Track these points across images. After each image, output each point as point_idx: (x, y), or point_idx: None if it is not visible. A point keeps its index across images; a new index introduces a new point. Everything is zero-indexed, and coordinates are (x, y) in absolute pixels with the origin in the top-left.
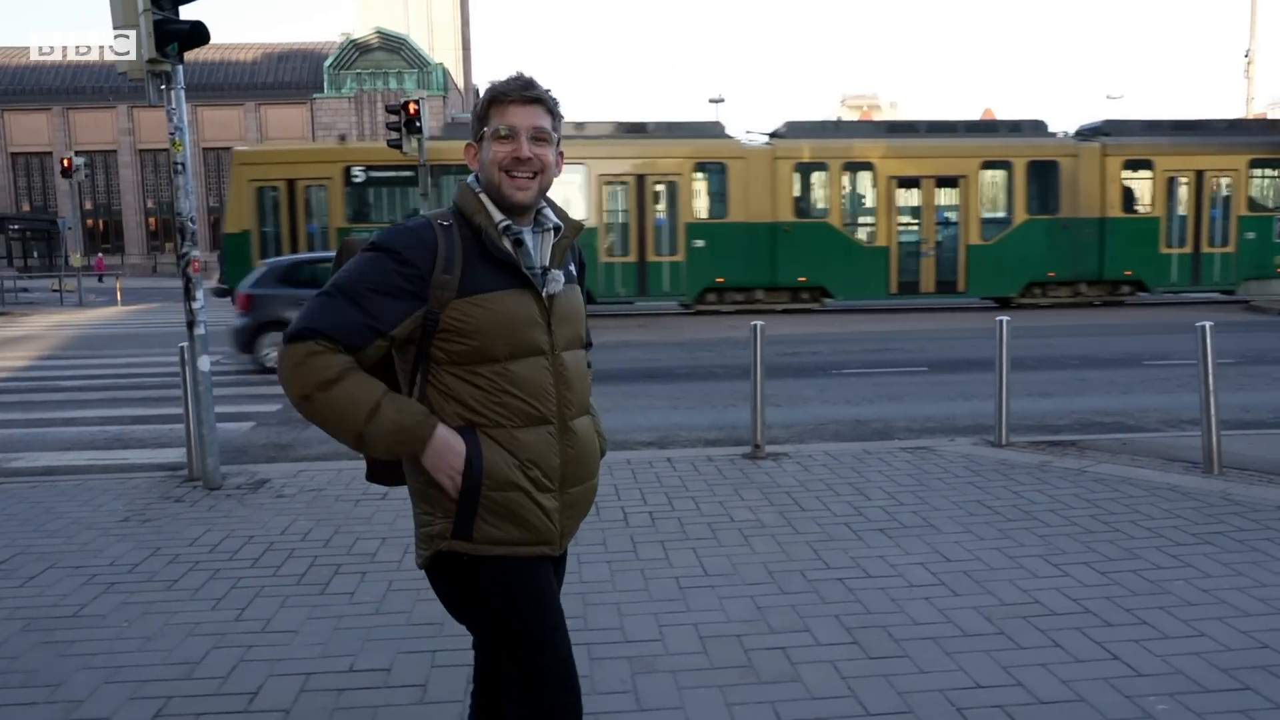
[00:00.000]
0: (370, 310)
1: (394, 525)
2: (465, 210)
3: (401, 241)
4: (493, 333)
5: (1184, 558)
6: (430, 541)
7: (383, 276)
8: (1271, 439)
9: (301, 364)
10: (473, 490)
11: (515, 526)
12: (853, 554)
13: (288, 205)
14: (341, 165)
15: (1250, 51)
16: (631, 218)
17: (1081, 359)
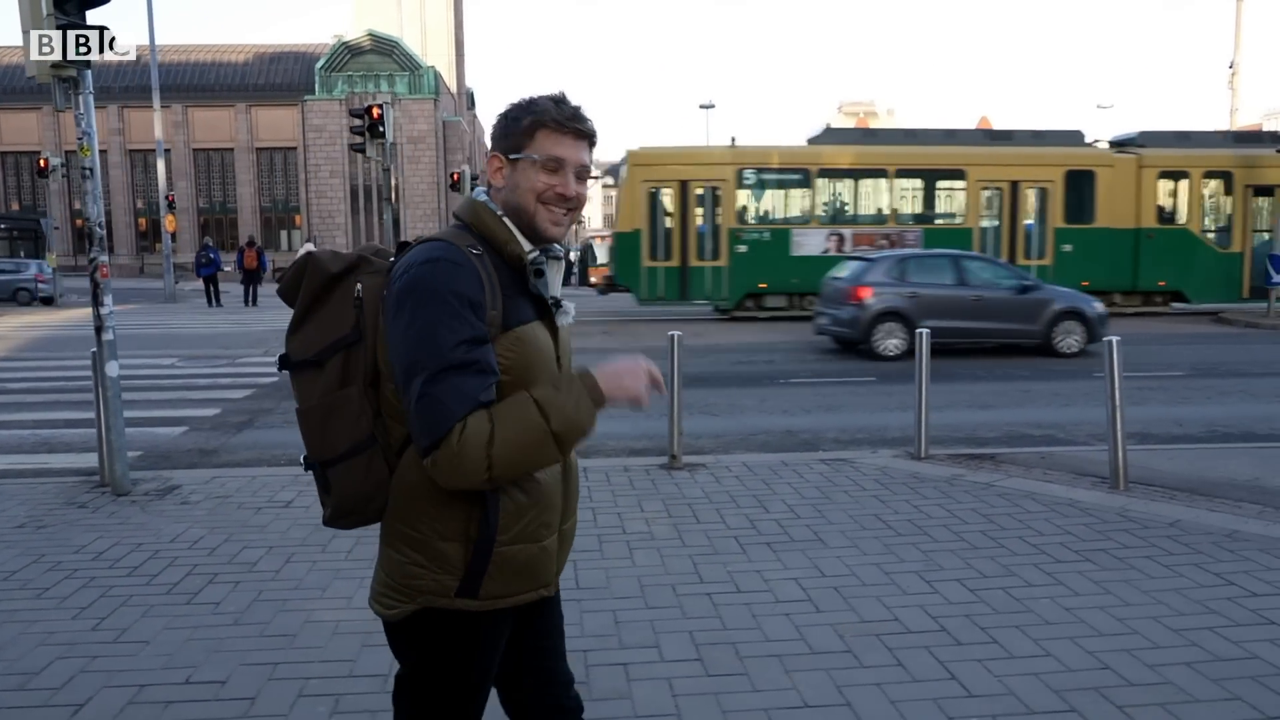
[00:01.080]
0: (484, 365)
1: (286, 534)
2: (496, 239)
3: (463, 282)
4: (532, 367)
5: (1059, 575)
6: (414, 595)
7: (474, 326)
8: (1191, 454)
9: (461, 452)
10: (486, 547)
11: (522, 578)
12: (731, 568)
13: (679, 205)
14: (735, 167)
15: (1234, 63)
16: (1004, 222)
17: (1032, 370)
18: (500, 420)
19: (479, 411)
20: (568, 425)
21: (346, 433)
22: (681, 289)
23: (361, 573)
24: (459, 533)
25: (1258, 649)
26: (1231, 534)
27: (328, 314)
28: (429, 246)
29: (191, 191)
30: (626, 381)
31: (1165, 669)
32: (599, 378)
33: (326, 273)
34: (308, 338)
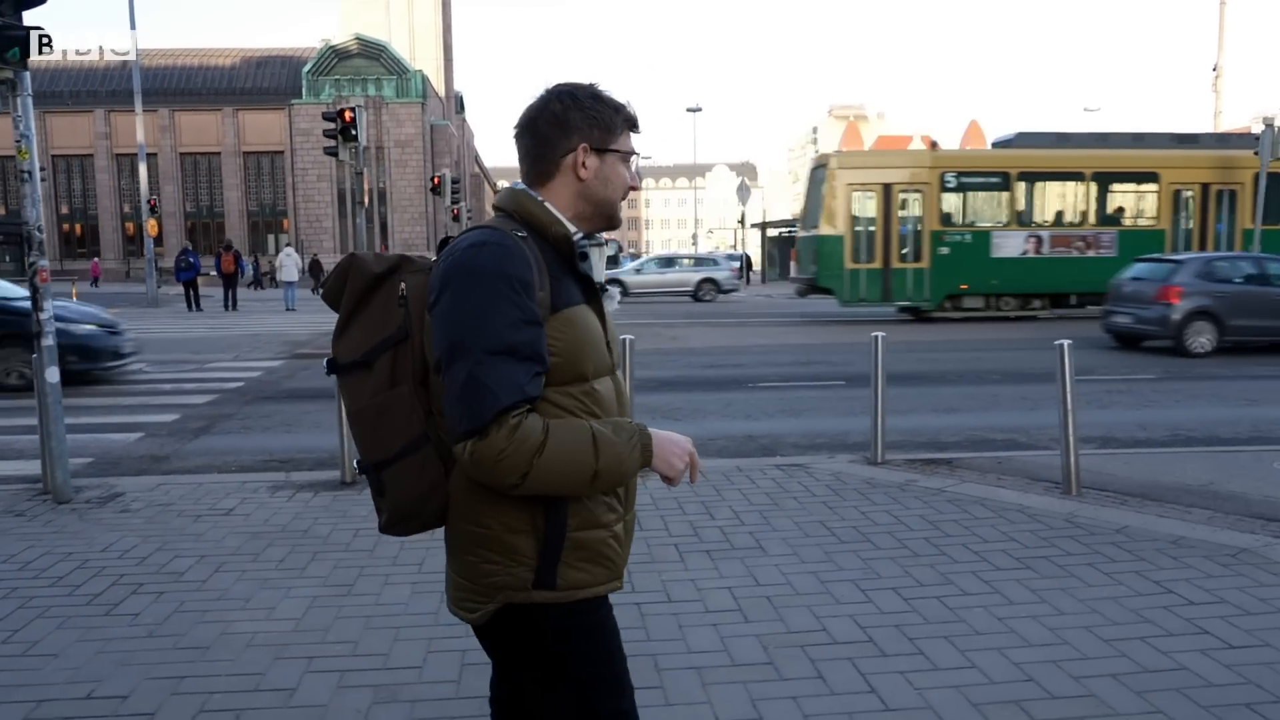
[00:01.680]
0: (530, 351)
1: (220, 543)
2: (540, 221)
3: (512, 263)
4: (583, 349)
5: (997, 583)
6: (492, 593)
7: (520, 310)
8: (1149, 458)
9: (506, 451)
10: (559, 533)
11: (598, 566)
12: (666, 577)
13: (881, 207)
14: (938, 171)
15: (1218, 66)
16: (1195, 224)
17: (1003, 374)
18: (554, 435)
19: (535, 417)
20: (611, 471)
21: (399, 432)
22: (884, 291)
23: (290, 582)
24: (527, 523)
25: (1187, 660)
26: (1177, 540)
27: (373, 314)
28: (473, 233)
29: (178, 195)
30: (673, 458)
31: (1090, 681)
32: (654, 441)
33: (370, 273)
34: (354, 339)
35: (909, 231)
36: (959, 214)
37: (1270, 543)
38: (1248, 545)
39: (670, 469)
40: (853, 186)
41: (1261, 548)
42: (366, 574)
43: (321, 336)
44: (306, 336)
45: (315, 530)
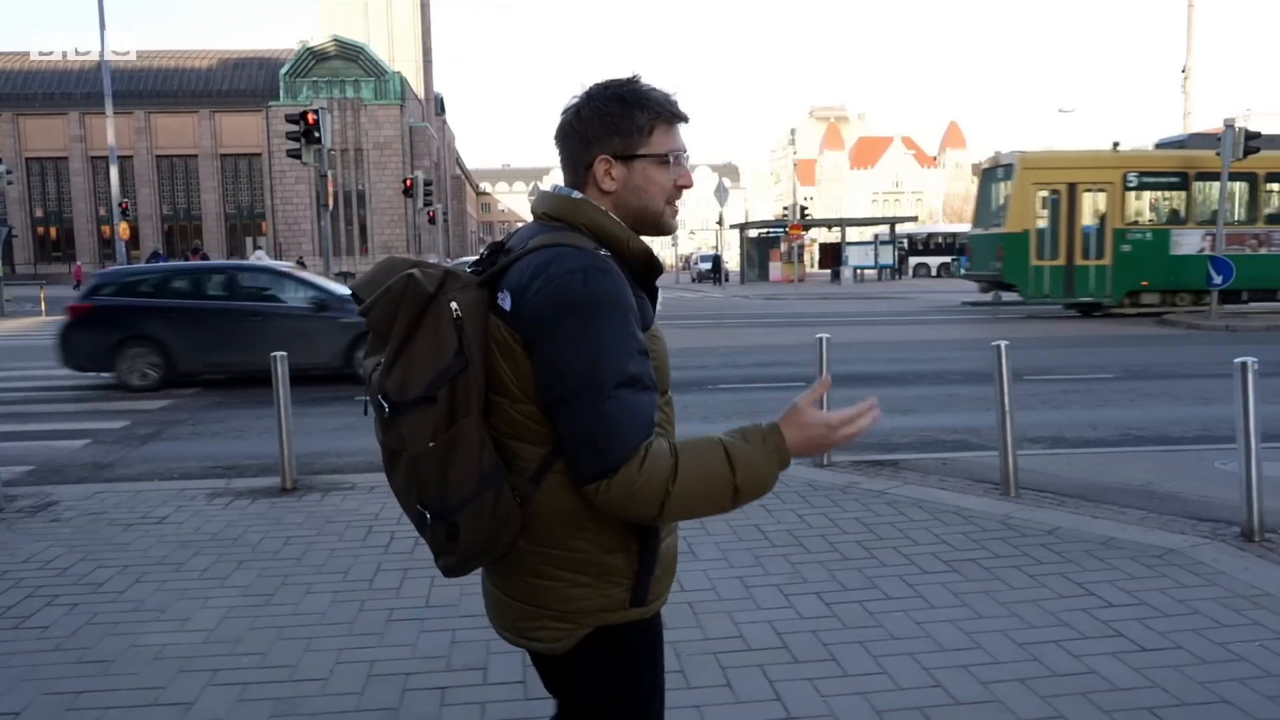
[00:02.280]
0: (652, 382)
1: (146, 553)
2: (615, 237)
3: (623, 290)
4: (665, 363)
5: (921, 587)
6: (581, 618)
7: (636, 340)
8: (1094, 458)
9: (644, 482)
10: (653, 549)
11: (670, 574)
12: None
13: (1066, 206)
14: (1121, 170)
15: (1187, 68)
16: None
17: (963, 374)
18: (685, 459)
19: (661, 442)
20: (753, 482)
21: (472, 470)
22: (1067, 287)
23: (210, 592)
24: (619, 542)
25: (1097, 663)
26: (1107, 542)
27: (422, 341)
28: (560, 254)
29: (155, 198)
30: (814, 441)
31: (997, 686)
32: (788, 436)
33: (426, 294)
34: (409, 371)
35: (1092, 229)
36: (1140, 212)
37: (1198, 543)
38: (1175, 546)
39: (820, 448)
40: (1038, 186)
41: (1189, 549)
42: (289, 583)
43: None
44: None
45: (246, 538)
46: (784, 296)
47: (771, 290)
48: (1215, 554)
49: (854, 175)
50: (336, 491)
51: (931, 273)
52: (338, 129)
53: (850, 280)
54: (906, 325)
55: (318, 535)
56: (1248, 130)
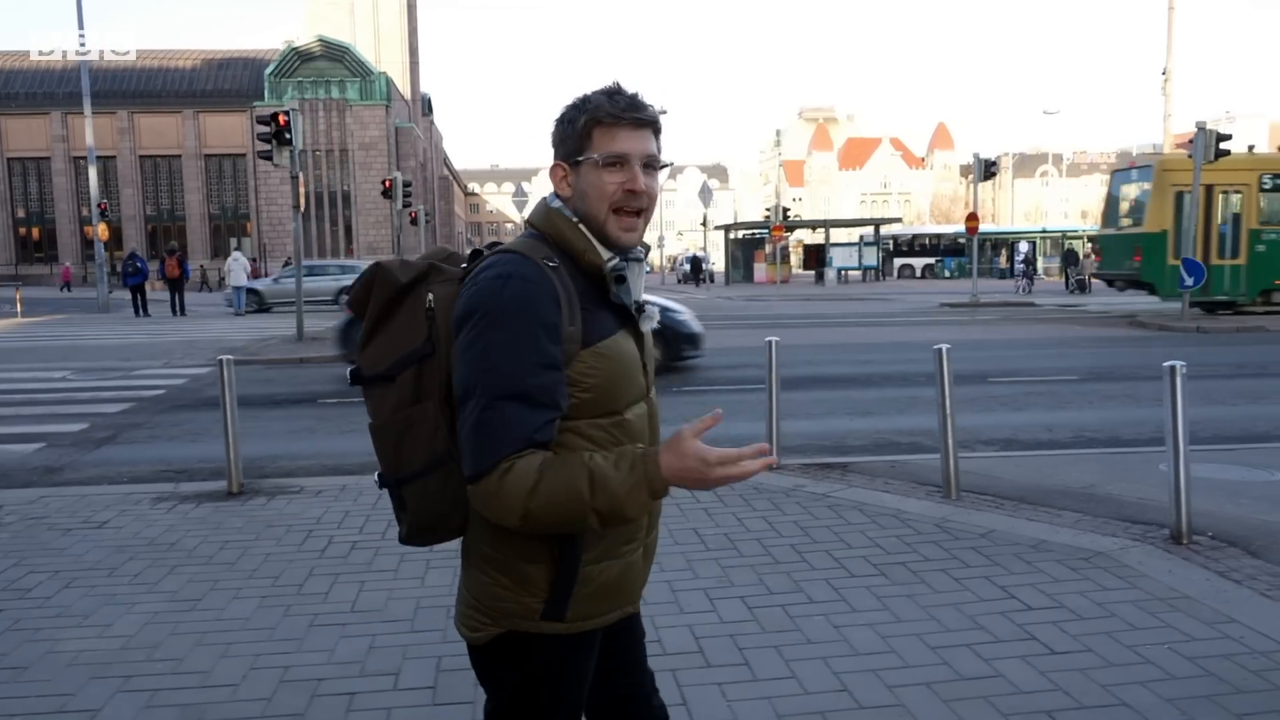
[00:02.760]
0: (546, 399)
1: (81, 558)
2: (573, 248)
3: (535, 302)
4: (617, 382)
5: (845, 591)
6: (498, 617)
7: (541, 353)
8: (1042, 460)
9: (499, 493)
10: (571, 568)
11: (609, 598)
12: None
13: (1203, 208)
14: (1257, 173)
15: (1167, 70)
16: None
17: (928, 377)
18: (547, 476)
19: (531, 455)
20: (611, 508)
21: (422, 449)
22: (1203, 285)
23: (137, 597)
24: (544, 554)
25: (1006, 667)
26: (1038, 544)
27: (399, 326)
28: (500, 260)
29: (138, 199)
30: (690, 478)
31: (903, 690)
32: (665, 464)
33: (396, 283)
34: (379, 351)
35: (1228, 230)
36: (1275, 213)
37: (1127, 546)
38: (1105, 549)
39: (697, 483)
40: (1176, 187)
41: (1117, 551)
42: (218, 588)
43: (258, 343)
44: (244, 343)
45: (183, 543)
46: (766, 298)
47: (755, 291)
48: (1142, 557)
49: (842, 176)
50: (283, 495)
51: (916, 274)
52: (323, 129)
53: (834, 281)
54: (882, 327)
55: (255, 540)
56: (1219, 133)
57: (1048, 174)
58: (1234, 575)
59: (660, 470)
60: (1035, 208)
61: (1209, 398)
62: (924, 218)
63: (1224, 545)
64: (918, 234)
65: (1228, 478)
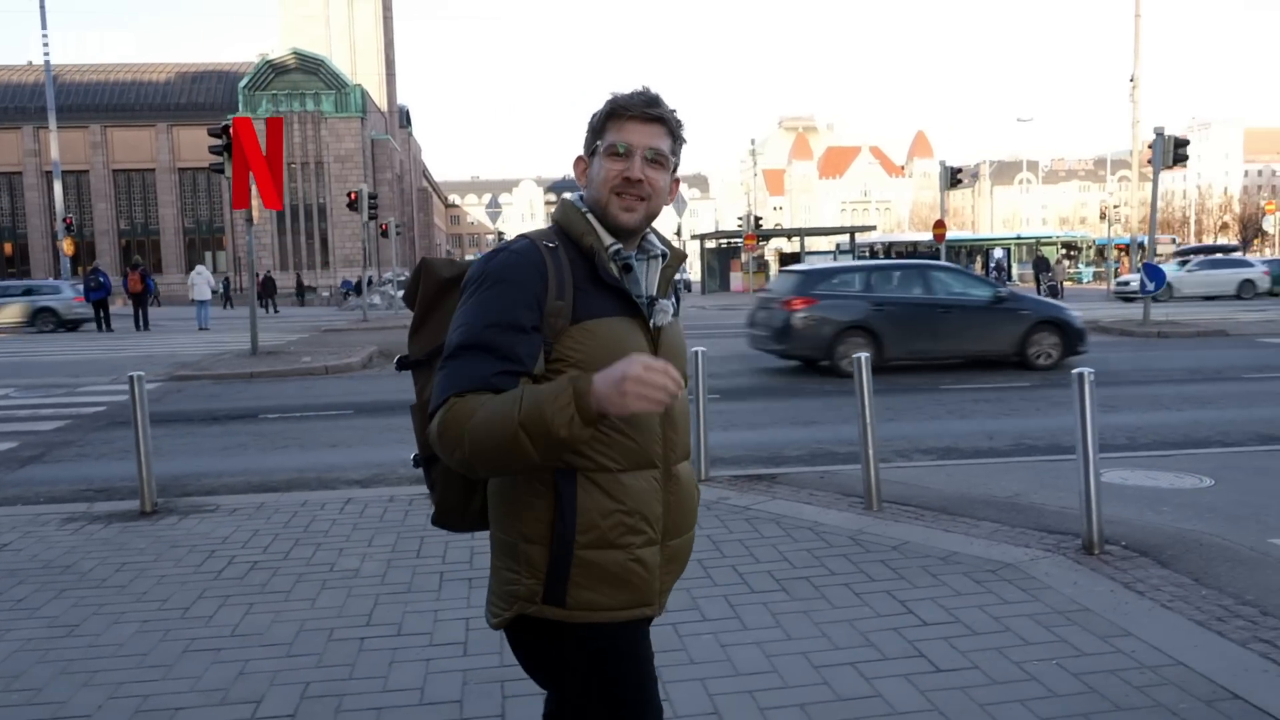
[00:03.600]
0: (505, 351)
1: None
2: (573, 231)
3: (514, 270)
4: (606, 361)
5: (741, 608)
6: (512, 601)
7: (507, 313)
8: (970, 470)
9: (444, 422)
10: (565, 550)
11: (614, 588)
12: (411, 608)
13: None
14: None
15: (1135, 77)
16: None
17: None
18: (488, 405)
19: (483, 396)
20: (535, 421)
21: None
22: None
23: (16, 623)
24: (542, 535)
25: (885, 686)
26: (948, 557)
27: (442, 317)
28: (505, 243)
29: (111, 213)
30: (623, 392)
31: (775, 712)
32: (593, 386)
33: (440, 278)
34: (424, 339)
35: None
36: None
37: (1037, 557)
38: (1014, 560)
39: (625, 405)
40: None
41: (1026, 563)
42: (101, 612)
43: (213, 358)
44: (198, 358)
45: (79, 566)
46: (740, 306)
47: (729, 300)
48: (1050, 568)
49: (823, 185)
50: (196, 514)
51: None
52: (297, 142)
53: None
54: None
55: (155, 561)
56: (1176, 138)
57: (1026, 181)
58: (1138, 586)
59: (590, 385)
60: (1014, 214)
61: (1157, 403)
62: (904, 225)
63: (1135, 555)
64: (894, 241)
65: (1156, 485)
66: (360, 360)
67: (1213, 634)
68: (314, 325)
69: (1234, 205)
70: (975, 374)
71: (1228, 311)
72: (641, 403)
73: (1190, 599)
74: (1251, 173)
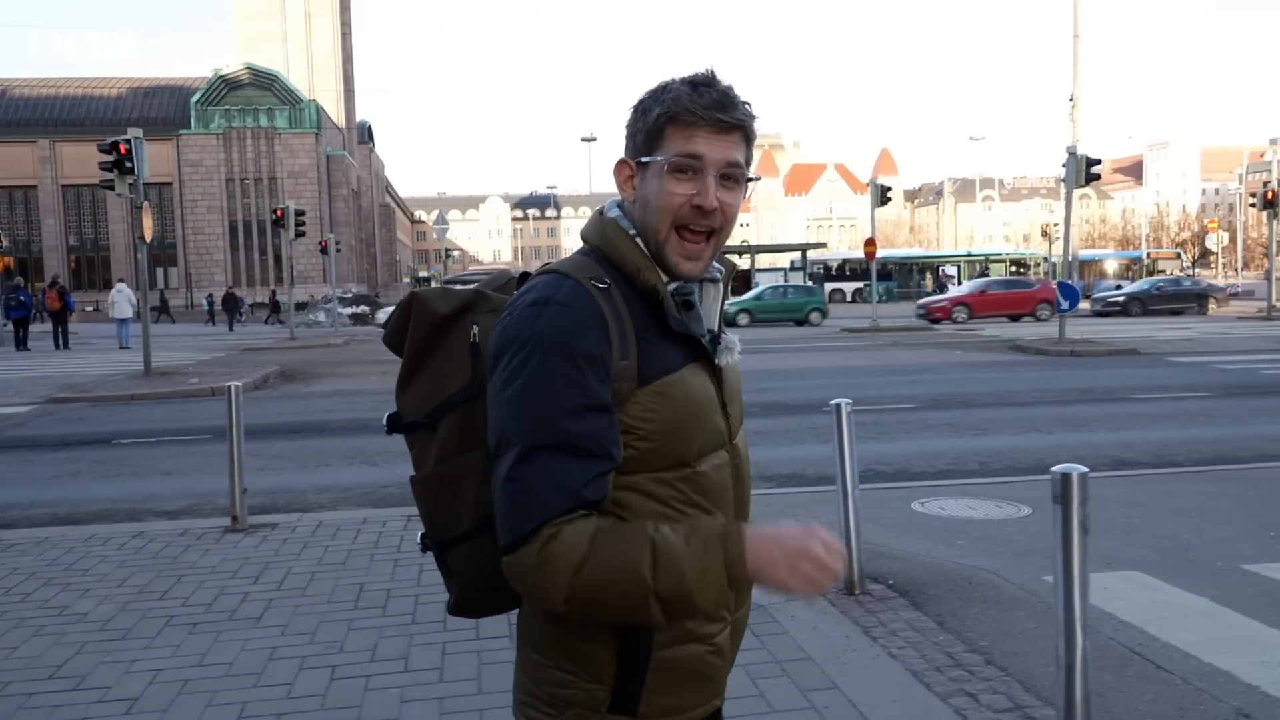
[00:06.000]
0: (592, 446)
1: None
2: (625, 265)
3: (574, 332)
4: (684, 427)
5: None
6: (563, 708)
7: (582, 392)
8: (797, 498)
9: (540, 567)
10: (642, 649)
11: (693, 688)
12: (107, 657)
13: None
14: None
15: (1074, 97)
16: None
17: (776, 406)
18: (600, 548)
19: (581, 520)
20: (678, 594)
21: (470, 507)
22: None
23: None
24: (610, 631)
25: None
26: None
27: (440, 364)
28: (540, 283)
29: (60, 229)
30: (784, 569)
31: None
32: (750, 550)
33: (435, 315)
34: (420, 393)
35: None
36: None
37: (791, 600)
38: (765, 602)
39: (787, 584)
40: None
41: (774, 605)
42: None
43: (105, 379)
44: (92, 378)
45: None
46: None
47: None
48: (799, 611)
49: (789, 202)
50: None
51: (847, 298)
52: (250, 157)
53: None
54: (761, 354)
55: None
56: (1088, 158)
57: (989, 199)
58: (876, 631)
59: (744, 553)
60: (976, 232)
61: (1032, 426)
62: None
63: (895, 596)
64: (848, 258)
65: (970, 515)
66: (252, 382)
67: (921, 686)
68: (240, 344)
69: (1193, 224)
70: (868, 396)
71: (1148, 329)
72: (809, 586)
73: (922, 646)
74: (1209, 191)
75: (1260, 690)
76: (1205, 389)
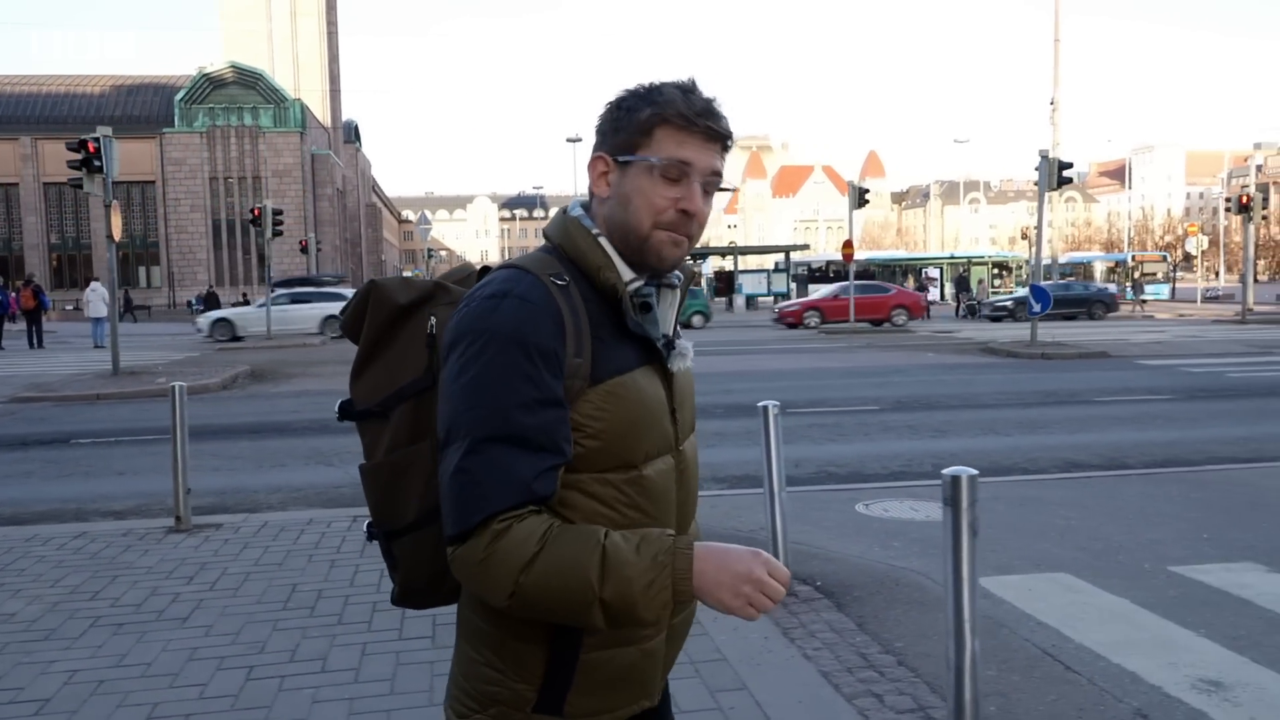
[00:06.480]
0: (543, 440)
1: None
2: (587, 263)
3: (531, 326)
4: (632, 429)
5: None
6: (489, 704)
7: (536, 385)
8: (743, 500)
9: (487, 560)
10: (570, 651)
11: (620, 691)
12: (30, 659)
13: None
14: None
15: (1055, 101)
16: None
17: (739, 408)
18: (550, 549)
19: (533, 518)
20: (623, 603)
21: (417, 497)
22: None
23: None
24: (540, 632)
25: None
26: None
27: (396, 354)
28: (499, 276)
29: (41, 227)
30: (726, 590)
31: None
32: (698, 568)
33: (394, 304)
34: (373, 382)
35: None
36: None
37: None
38: None
39: (728, 605)
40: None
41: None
42: None
43: (73, 378)
44: (59, 378)
45: None
46: None
47: None
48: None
49: (776, 204)
50: None
51: None
52: (235, 156)
53: (743, 308)
54: (735, 355)
55: None
56: (1060, 161)
57: (975, 201)
58: (796, 632)
59: (692, 571)
60: (962, 234)
61: (991, 428)
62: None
63: (820, 597)
64: (831, 260)
65: (911, 517)
66: (220, 381)
67: (829, 687)
68: (216, 344)
69: (1176, 227)
70: (833, 399)
71: (1121, 332)
72: (749, 609)
73: (837, 647)
74: (1193, 195)
75: (1162, 690)
76: (1170, 392)
